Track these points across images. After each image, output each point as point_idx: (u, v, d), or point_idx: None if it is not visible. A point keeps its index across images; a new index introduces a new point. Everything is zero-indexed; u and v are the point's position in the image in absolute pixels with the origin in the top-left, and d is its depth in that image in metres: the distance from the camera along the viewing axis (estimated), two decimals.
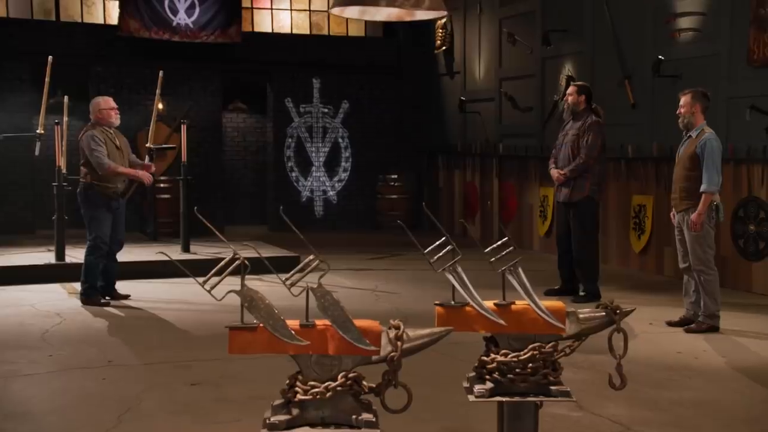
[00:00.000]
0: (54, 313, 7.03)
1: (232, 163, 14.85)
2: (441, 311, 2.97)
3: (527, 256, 10.56)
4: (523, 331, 2.94)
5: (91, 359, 5.53)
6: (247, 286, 2.67)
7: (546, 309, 2.95)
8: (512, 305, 2.97)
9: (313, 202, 14.19)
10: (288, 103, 14.01)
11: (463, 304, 2.95)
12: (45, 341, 6.04)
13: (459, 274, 2.96)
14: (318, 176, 14.22)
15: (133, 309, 7.36)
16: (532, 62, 11.42)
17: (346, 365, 2.63)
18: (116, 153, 7.56)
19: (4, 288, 8.23)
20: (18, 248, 10.14)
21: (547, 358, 2.96)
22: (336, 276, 9.27)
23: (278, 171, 14.01)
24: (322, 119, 14.23)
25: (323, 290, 2.71)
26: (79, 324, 6.66)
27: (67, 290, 8.18)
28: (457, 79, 13.39)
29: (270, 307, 2.67)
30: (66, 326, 6.57)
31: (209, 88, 13.48)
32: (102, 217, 7.43)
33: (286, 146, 14.05)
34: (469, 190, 13.14)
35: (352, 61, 14.12)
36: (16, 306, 7.37)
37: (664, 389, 4.94)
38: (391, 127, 14.38)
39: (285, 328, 2.63)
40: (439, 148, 13.83)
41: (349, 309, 2.68)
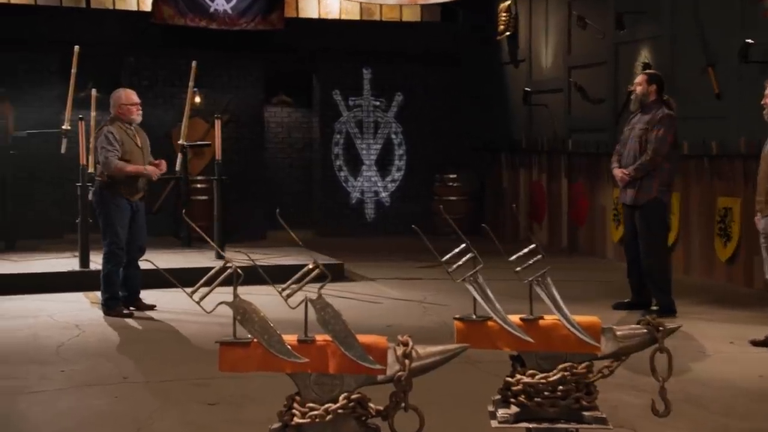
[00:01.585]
0: (72, 325, 7.21)
1: (275, 162, 15.00)
2: (460, 326, 2.96)
3: (599, 265, 10.62)
4: (553, 349, 2.91)
5: (105, 375, 5.65)
6: (239, 297, 2.69)
7: (578, 324, 2.91)
8: (540, 320, 2.94)
9: (364, 205, 14.24)
10: (336, 96, 14.09)
11: (486, 319, 2.93)
12: (59, 355, 6.20)
13: (480, 285, 2.93)
14: (369, 176, 14.26)
15: (157, 321, 7.49)
16: (605, 48, 11.26)
17: (348, 385, 2.64)
18: (137, 152, 7.68)
19: (23, 297, 8.47)
20: (42, 253, 10.42)
21: (580, 380, 2.92)
22: (382, 286, 9.31)
23: (325, 170, 14.10)
24: (373, 113, 14.27)
25: (323, 302, 2.72)
26: (97, 337, 6.81)
27: (89, 300, 8.38)
28: (522, 67, 13.28)
29: (265, 320, 2.69)
30: (83, 339, 6.73)
31: (250, 80, 13.66)
32: (118, 221, 7.56)
33: (333, 143, 14.13)
34: (535, 190, 13.02)
35: (407, 48, 14.13)
36: (33, 316, 7.58)
37: (737, 418, 4.81)
38: (449, 121, 14.34)
39: (281, 344, 2.64)
40: (502, 145, 13.73)
41: (392, 322, 2.68)
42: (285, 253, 10.26)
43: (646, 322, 2.96)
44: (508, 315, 2.93)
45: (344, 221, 13.94)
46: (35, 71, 12.80)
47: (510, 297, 2.93)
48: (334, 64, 14.06)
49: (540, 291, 2.96)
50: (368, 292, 8.90)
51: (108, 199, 7.60)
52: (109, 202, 7.59)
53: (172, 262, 9.24)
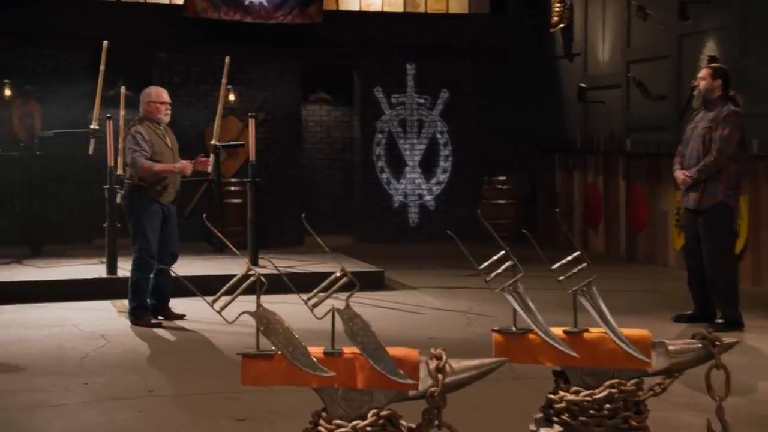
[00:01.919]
0: (98, 335, 7.30)
1: (313, 163, 15.07)
2: (499, 339, 2.94)
3: (660, 274, 10.49)
4: (599, 364, 2.88)
5: (131, 388, 5.71)
6: (263, 307, 2.70)
7: (626, 338, 2.88)
8: (585, 333, 2.91)
9: (407, 209, 14.24)
10: (378, 93, 14.12)
11: (526, 331, 2.92)
12: (83, 367, 6.28)
13: (521, 295, 2.91)
14: (412, 178, 14.27)
15: (187, 331, 7.55)
16: (667, 40, 11.15)
17: (378, 401, 2.64)
18: (167, 153, 7.75)
19: (48, 305, 8.60)
20: (69, 259, 10.59)
21: (629, 398, 2.89)
22: (424, 295, 9.30)
23: (366, 172, 14.14)
24: (417, 111, 14.27)
25: (351, 312, 2.72)
26: (123, 348, 6.89)
27: (117, 308, 8.49)
28: (577, 62, 13.19)
29: (289, 331, 2.70)
30: (109, 350, 6.81)
31: (287, 77, 13.75)
32: (149, 226, 7.63)
33: (375, 143, 14.16)
34: (590, 193, 12.92)
35: (453, 42, 14.12)
36: (57, 326, 7.69)
37: None
38: (498, 120, 14.28)
39: (306, 356, 2.65)
40: (556, 145, 13.65)
41: (434, 334, 2.68)
42: (321, 260, 10.30)
43: (702, 336, 2.91)
44: (550, 327, 2.90)
45: (386, 226, 13.95)
46: (62, 68, 13.03)
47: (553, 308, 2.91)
48: (376, 59, 14.09)
49: (585, 302, 2.93)
50: (409, 301, 8.89)
51: (138, 203, 7.67)
52: (139, 206, 7.66)
53: (203, 269, 9.33)
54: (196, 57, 13.36)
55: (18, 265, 10.27)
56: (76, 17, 12.92)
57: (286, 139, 13.74)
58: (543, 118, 13.95)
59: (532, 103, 14.15)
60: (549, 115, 13.82)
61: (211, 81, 12.92)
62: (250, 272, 2.77)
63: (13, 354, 6.70)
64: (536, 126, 14.04)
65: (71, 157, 12.40)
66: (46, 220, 12.18)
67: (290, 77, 13.77)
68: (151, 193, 7.66)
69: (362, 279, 9.07)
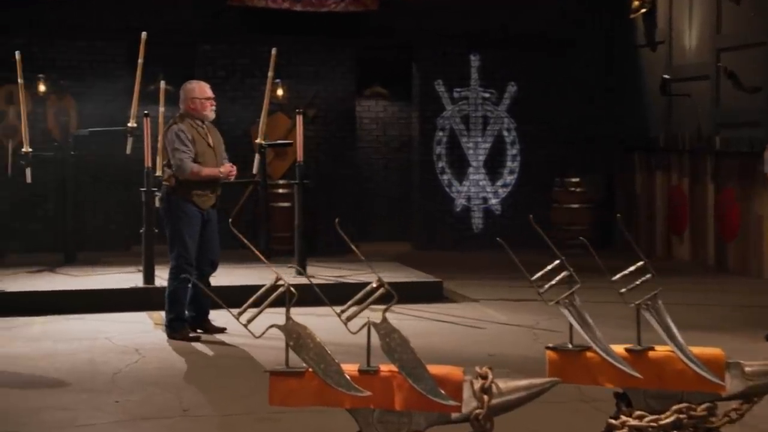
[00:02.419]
0: (132, 349, 7.41)
1: (367, 163, 15.11)
2: (553, 356, 2.92)
3: (753, 287, 10.30)
4: (666, 386, 2.84)
5: (164, 408, 5.78)
6: (292, 320, 2.71)
7: (697, 358, 2.83)
8: (650, 351, 2.88)
9: (470, 213, 14.20)
10: (438, 87, 14.12)
11: (583, 349, 2.89)
12: (115, 383, 6.38)
13: (577, 309, 2.89)
14: (476, 180, 14.23)
15: (227, 346, 7.62)
16: (761, 26, 10.97)
17: (417, 424, 2.63)
18: (209, 153, 7.82)
19: (82, 317, 8.76)
20: (105, 267, 10.77)
21: (700, 424, 2.85)
22: (487, 308, 9.28)
23: (425, 173, 14.15)
24: (482, 107, 14.24)
25: (389, 327, 2.72)
26: (158, 363, 6.98)
27: (153, 320, 8.61)
28: (660, 51, 13.05)
29: (321, 346, 2.71)
30: (143, 365, 6.91)
31: (340, 69, 13.82)
32: (187, 232, 7.70)
33: (435, 141, 14.15)
34: (674, 196, 12.77)
35: (522, 31, 14.06)
36: (90, 339, 7.83)
37: None
38: (572, 115, 14.18)
39: (339, 374, 2.66)
40: (636, 143, 13.52)
41: (495, 351, 2.69)
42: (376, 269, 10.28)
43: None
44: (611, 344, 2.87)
45: (446, 232, 13.92)
46: (99, 62, 13.27)
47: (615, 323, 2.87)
48: (437, 49, 14.10)
49: (650, 317, 2.89)
50: (470, 315, 8.87)
51: (176, 207, 7.74)
52: (177, 210, 7.72)
53: (246, 278, 9.39)
54: (242, 49, 13.50)
55: (50, 273, 10.47)
56: (114, 7, 13.11)
57: (338, 137, 13.80)
58: (622, 113, 13.81)
59: (609, 97, 14.02)
60: (628, 110, 13.69)
61: (258, 75, 13.03)
62: (279, 282, 2.78)
63: (43, 369, 6.84)
64: (614, 122, 13.90)
65: (108, 158, 12.58)
66: (81, 225, 12.38)
67: (343, 70, 13.83)
68: (190, 196, 7.72)
69: (419, 290, 9.16)
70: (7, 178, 12.32)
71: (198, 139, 7.77)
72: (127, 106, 10.30)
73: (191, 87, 7.89)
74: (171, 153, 7.68)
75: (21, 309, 8.83)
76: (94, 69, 13.23)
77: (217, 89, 10.99)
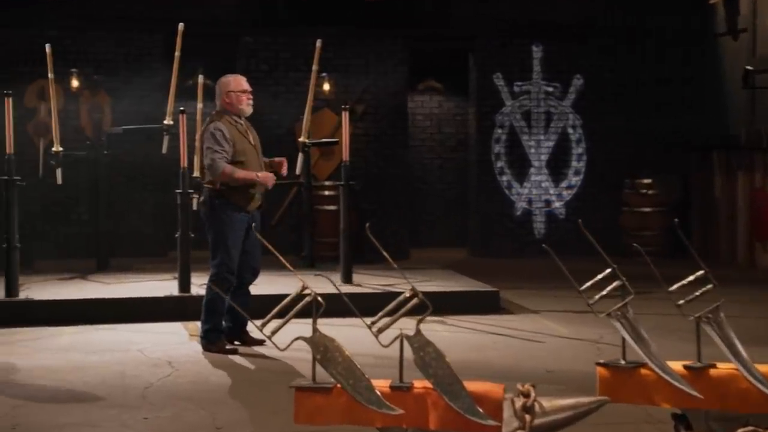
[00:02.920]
0: (165, 362, 7.48)
1: (421, 163, 15.12)
2: (604, 373, 2.90)
3: None
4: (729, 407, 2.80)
5: (196, 425, 5.82)
6: (319, 332, 2.72)
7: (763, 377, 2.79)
8: (711, 369, 2.84)
9: (532, 217, 14.15)
10: (498, 80, 14.10)
11: (637, 365, 2.86)
12: (145, 399, 6.44)
13: (630, 322, 2.86)
14: (538, 181, 14.17)
15: (267, 359, 7.66)
16: None
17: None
18: (250, 152, 7.85)
19: (114, 327, 8.87)
20: (139, 275, 10.92)
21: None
22: (547, 320, 9.23)
23: (483, 174, 14.13)
24: (545, 101, 14.19)
25: (423, 340, 2.72)
26: (191, 377, 7.04)
27: (189, 331, 8.69)
28: (743, 39, 12.93)
29: (350, 360, 2.72)
30: (176, 379, 6.97)
31: (391, 62, 13.86)
32: (232, 238, 7.72)
33: (494, 139, 14.13)
34: (758, 199, 12.60)
35: (589, 18, 13.97)
36: (122, 351, 7.92)
37: None
38: (643, 111, 14.07)
39: (370, 391, 2.66)
40: (714, 141, 13.38)
41: (554, 367, 2.69)
42: (427, 277, 10.32)
43: None
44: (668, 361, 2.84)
45: (505, 238, 13.87)
46: (135, 55, 13.45)
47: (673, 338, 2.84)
48: (496, 40, 14.08)
49: (711, 331, 2.86)
50: (528, 327, 8.83)
51: (220, 211, 7.76)
52: (222, 215, 7.74)
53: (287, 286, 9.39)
54: (286, 40, 13.59)
55: (81, 280, 10.63)
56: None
57: (389, 135, 13.83)
58: (699, 108, 13.68)
59: (685, 91, 13.89)
60: (706, 105, 13.55)
61: (303, 68, 13.04)
62: (306, 291, 2.80)
63: (71, 382, 6.92)
64: (691, 118, 13.78)
65: (143, 157, 12.74)
66: (115, 229, 12.54)
67: (395, 62, 13.86)
68: (235, 199, 7.74)
69: (473, 300, 9.12)
70: (37, 179, 12.51)
71: (238, 137, 7.79)
72: (164, 103, 10.40)
73: (226, 81, 7.94)
74: (205, 153, 7.73)
75: (49, 318, 8.97)
76: (129, 63, 13.42)
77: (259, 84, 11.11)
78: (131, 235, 13.10)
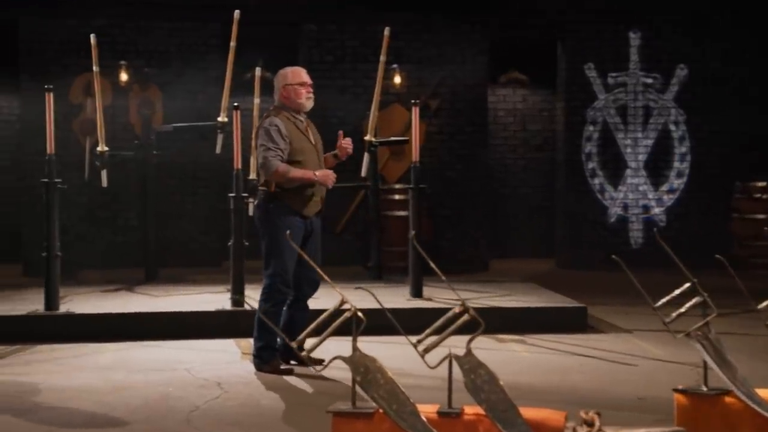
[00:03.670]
0: (213, 383, 7.54)
1: (503, 164, 15.07)
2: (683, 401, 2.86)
3: None
4: None
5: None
6: (360, 351, 2.72)
7: None
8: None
9: (627, 225, 14.04)
10: (589, 71, 14.03)
11: (721, 392, 2.81)
12: (189, 423, 6.49)
13: (713, 343, 2.81)
14: (635, 184, 14.06)
15: (326, 381, 7.65)
16: None
17: None
18: (310, 151, 7.84)
19: (160, 344, 8.97)
20: (190, 286, 11.06)
21: None
22: (641, 340, 9.14)
23: (572, 176, 14.09)
24: (643, 95, 14.08)
25: (475, 361, 2.69)
26: (241, 400, 7.07)
27: (241, 349, 8.75)
28: None
29: (393, 383, 2.71)
30: (224, 402, 7.01)
31: (470, 52, 13.85)
32: (287, 246, 7.71)
33: (585, 138, 14.06)
34: None
35: (692, 3, 13.81)
36: (168, 370, 8.00)
37: None
38: (758, 105, 13.86)
39: (415, 417, 2.65)
40: None
41: (646, 393, 2.65)
42: (507, 291, 10.29)
43: None
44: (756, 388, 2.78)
45: (597, 248, 13.74)
46: (189, 46, 13.60)
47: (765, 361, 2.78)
48: (588, 26, 13.99)
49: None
50: (619, 349, 8.74)
51: (274, 216, 7.77)
52: (277, 220, 7.75)
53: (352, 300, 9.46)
54: (354, 28, 13.64)
55: (128, 292, 10.78)
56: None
57: (467, 133, 13.82)
58: None
59: None
60: None
61: (372, 59, 13.05)
62: (345, 306, 2.79)
63: (109, 404, 7.00)
64: None
65: (196, 158, 12.87)
66: (165, 236, 12.66)
67: (474, 53, 13.85)
68: (291, 202, 7.76)
69: (558, 317, 9.07)
70: (83, 181, 12.72)
71: (296, 134, 7.79)
72: (220, 98, 10.49)
73: (284, 73, 7.96)
74: (258, 150, 7.75)
75: (91, 334, 9.11)
76: (183, 54, 13.60)
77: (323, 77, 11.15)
78: (183, 242, 13.25)
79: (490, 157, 14.46)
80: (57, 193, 9.30)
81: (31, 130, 12.58)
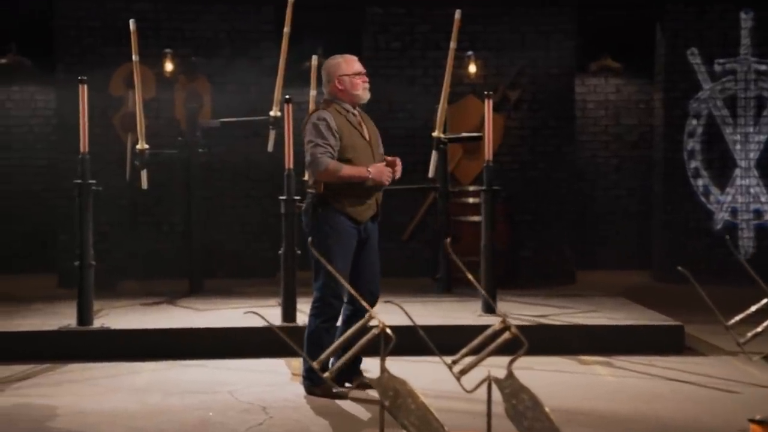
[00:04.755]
0: (259, 407, 7.59)
1: (593, 163, 15.00)
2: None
3: None
4: None
5: None
6: (388, 372, 2.72)
7: None
8: None
9: (737, 232, 13.92)
10: (693, 58, 13.95)
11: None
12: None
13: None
14: (746, 186, 13.95)
15: None
16: None
17: None
18: (362, 148, 7.86)
19: (203, 363, 9.07)
20: (238, 299, 11.12)
21: None
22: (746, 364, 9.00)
23: (672, 176, 14.03)
24: (755, 84, 13.97)
25: (516, 384, 2.69)
26: (289, 426, 7.11)
27: (291, 370, 8.80)
28: None
29: (425, 408, 2.71)
30: (268, 429, 7.06)
31: (555, 37, 13.86)
32: (338, 254, 7.75)
33: (687, 133, 13.99)
34: None
35: None
36: (208, 392, 8.07)
37: None
38: None
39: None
40: None
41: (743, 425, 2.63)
42: (593, 307, 10.25)
43: None
44: None
45: (701, 257, 13.63)
46: (241, 32, 13.71)
47: None
48: (692, 6, 13.92)
49: None
50: (720, 373, 8.62)
51: (323, 221, 7.82)
52: (326, 226, 7.79)
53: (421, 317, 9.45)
54: (424, 12, 13.66)
55: (169, 306, 10.92)
56: None
57: (551, 128, 13.82)
58: None
59: None
60: None
61: (444, 45, 13.03)
62: (372, 323, 2.80)
63: (143, 429, 7.07)
64: None
65: (247, 156, 12.94)
66: (212, 244, 12.74)
67: (559, 38, 13.89)
68: (342, 205, 7.78)
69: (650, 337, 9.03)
70: (124, 182, 12.82)
71: (347, 129, 7.81)
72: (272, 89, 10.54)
73: (336, 63, 7.99)
74: (306, 147, 7.77)
75: (128, 352, 9.23)
76: (234, 41, 13.68)
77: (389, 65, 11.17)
78: (232, 251, 13.33)
79: (578, 155, 14.40)
80: (91, 196, 9.37)
81: (67, 126, 12.66)
